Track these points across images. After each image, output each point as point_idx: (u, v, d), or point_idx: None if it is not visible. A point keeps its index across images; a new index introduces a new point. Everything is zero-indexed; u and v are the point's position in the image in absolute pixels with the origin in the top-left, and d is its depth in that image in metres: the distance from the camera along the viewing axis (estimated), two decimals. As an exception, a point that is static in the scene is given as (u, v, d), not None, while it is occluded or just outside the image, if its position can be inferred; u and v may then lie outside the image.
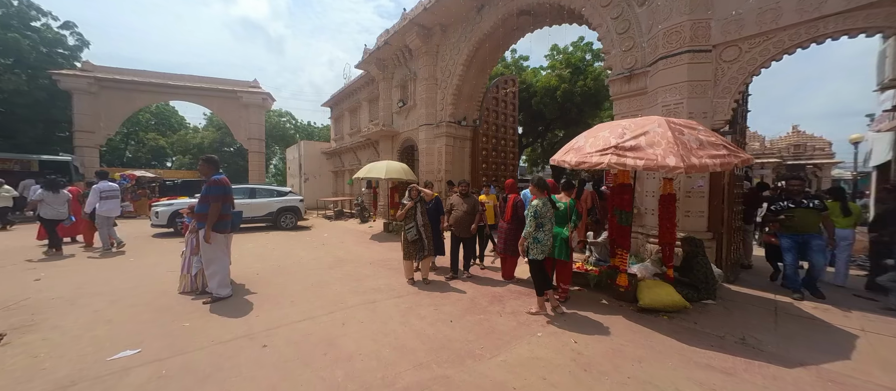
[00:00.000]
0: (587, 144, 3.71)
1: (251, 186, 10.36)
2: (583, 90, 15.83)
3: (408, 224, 4.47)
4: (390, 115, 12.89)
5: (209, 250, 3.65)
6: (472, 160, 11.02)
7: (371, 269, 5.44)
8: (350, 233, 9.92)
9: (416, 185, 4.73)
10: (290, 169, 22.51)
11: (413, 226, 4.44)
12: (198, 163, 3.94)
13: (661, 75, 5.15)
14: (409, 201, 4.55)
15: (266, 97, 18.74)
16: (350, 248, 7.35)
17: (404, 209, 4.50)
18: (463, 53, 9.46)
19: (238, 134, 18.85)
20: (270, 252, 6.84)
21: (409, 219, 4.49)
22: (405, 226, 4.47)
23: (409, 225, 4.45)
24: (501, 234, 4.80)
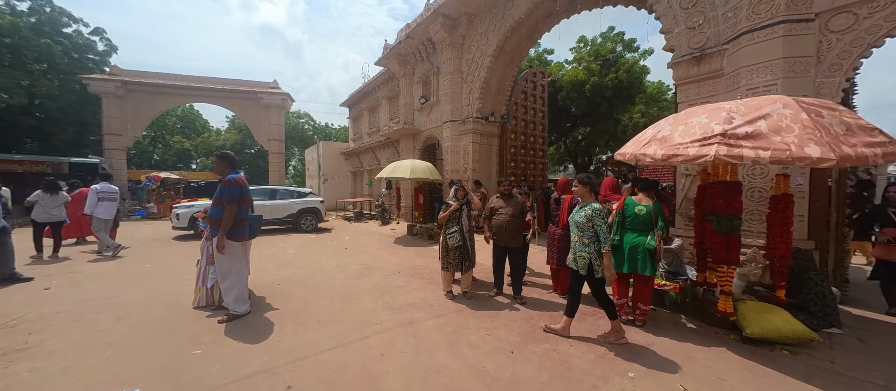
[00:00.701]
0: (676, 134, 2.98)
1: (271, 187, 10.06)
2: (614, 83, 14.81)
3: (450, 228, 3.86)
4: (411, 112, 12.37)
5: (224, 261, 3.15)
6: (500, 158, 10.33)
7: (401, 279, 4.86)
8: (372, 235, 9.43)
9: (465, 185, 4.12)
10: (308, 170, 22.45)
11: (457, 231, 3.82)
12: (212, 160, 3.47)
13: (745, 53, 4.32)
14: (455, 201, 3.93)
15: (285, 98, 18.66)
16: (374, 254, 6.82)
17: (448, 210, 3.89)
18: (492, 43, 8.79)
19: (258, 135, 18.86)
20: (291, 257, 6.39)
21: (453, 222, 3.88)
22: (447, 230, 3.86)
23: (452, 229, 3.84)
24: (552, 242, 4.11)
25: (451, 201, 3.98)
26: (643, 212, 3.23)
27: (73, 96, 15.52)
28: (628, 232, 3.24)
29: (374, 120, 16.57)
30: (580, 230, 2.89)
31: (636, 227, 3.22)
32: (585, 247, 2.85)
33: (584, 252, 2.85)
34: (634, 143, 3.40)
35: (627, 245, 3.18)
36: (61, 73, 15.24)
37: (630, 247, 3.17)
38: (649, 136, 3.25)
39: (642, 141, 3.29)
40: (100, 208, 6.37)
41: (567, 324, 3.05)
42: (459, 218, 3.92)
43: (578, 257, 2.89)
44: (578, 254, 2.89)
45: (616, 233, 3.26)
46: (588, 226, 2.83)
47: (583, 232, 2.87)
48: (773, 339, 2.84)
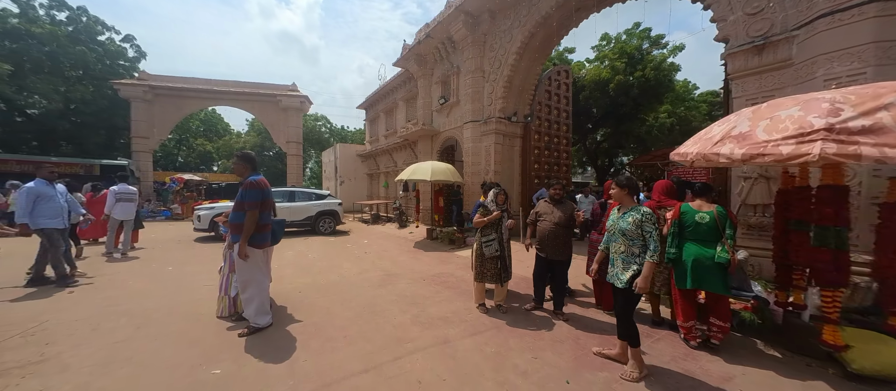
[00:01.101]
0: (758, 130, 2.53)
1: (290, 189, 10.01)
2: (641, 82, 14.12)
3: (488, 235, 3.50)
4: (430, 113, 12.12)
5: (245, 269, 2.91)
6: (523, 160, 9.91)
7: (428, 288, 4.54)
8: (390, 239, 9.18)
9: (504, 191, 3.76)
10: (325, 172, 22.60)
11: (495, 240, 3.46)
12: (231, 161, 3.26)
13: (824, 38, 3.80)
14: (495, 208, 3.57)
15: (303, 100, 18.85)
16: (396, 259, 6.54)
17: (489, 217, 3.53)
18: (516, 41, 8.41)
19: (277, 137, 19.10)
20: (312, 262, 6.18)
21: (491, 229, 3.53)
22: (484, 238, 3.51)
23: (490, 237, 3.48)
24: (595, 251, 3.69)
25: (490, 205, 3.61)
26: (706, 220, 2.80)
27: (104, 101, 16.14)
28: (689, 243, 2.82)
29: (391, 122, 16.44)
30: (628, 238, 2.45)
31: (698, 237, 2.80)
32: (635, 258, 2.43)
33: (634, 264, 2.42)
34: (700, 142, 2.96)
35: (689, 258, 2.76)
36: (95, 79, 15.88)
37: (694, 260, 2.74)
38: (721, 133, 2.80)
39: (711, 139, 2.84)
40: (117, 209, 6.37)
41: (623, 350, 2.64)
42: (499, 225, 3.56)
43: (625, 271, 2.43)
44: (624, 268, 2.45)
45: (672, 244, 2.83)
46: (637, 233, 2.40)
47: (632, 240, 2.43)
48: (887, 377, 2.35)
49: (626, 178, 2.61)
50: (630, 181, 2.60)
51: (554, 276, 3.58)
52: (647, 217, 2.40)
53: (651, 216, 2.41)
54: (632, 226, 2.43)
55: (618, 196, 2.60)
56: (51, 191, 4.52)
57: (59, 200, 4.57)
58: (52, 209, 4.44)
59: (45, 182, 4.51)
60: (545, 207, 3.61)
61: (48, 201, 4.42)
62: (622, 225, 2.50)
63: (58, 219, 4.48)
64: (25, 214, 4.20)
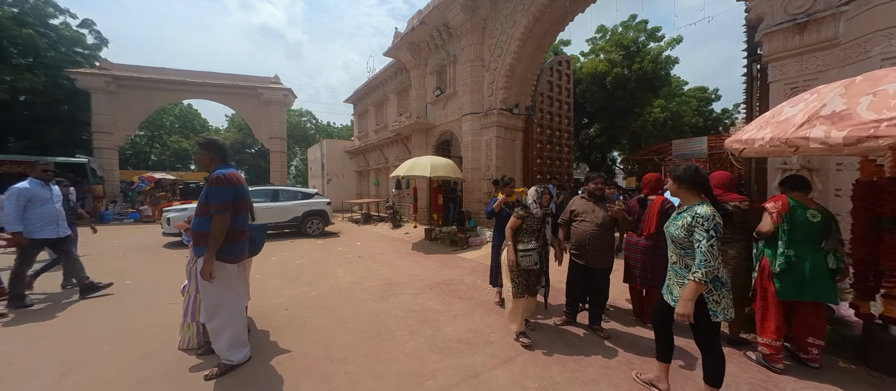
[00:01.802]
0: (861, 108, 2.07)
1: (274, 188, 9.17)
2: (638, 75, 13.89)
3: (525, 244, 2.77)
4: (424, 106, 11.45)
5: (212, 292, 2.23)
6: (525, 154, 9.41)
7: (437, 300, 3.94)
8: (385, 241, 8.52)
9: (549, 189, 3.01)
10: (311, 169, 21.56)
11: (534, 251, 2.76)
12: (194, 150, 2.55)
13: (879, 13, 3.40)
14: (538, 207, 2.84)
15: (287, 93, 17.78)
16: (394, 263, 5.91)
17: (520, 217, 2.82)
18: (520, 26, 7.86)
19: (259, 133, 17.97)
20: (300, 270, 5.46)
21: (530, 236, 2.81)
22: (519, 246, 2.78)
23: (529, 247, 2.75)
24: (634, 255, 3.19)
25: (533, 208, 2.83)
26: (817, 219, 2.35)
27: (60, 91, 14.61)
28: (801, 246, 2.36)
29: (382, 116, 15.66)
30: (678, 246, 1.95)
31: (808, 240, 2.35)
32: (688, 274, 1.87)
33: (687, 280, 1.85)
34: (771, 126, 2.47)
35: (808, 265, 2.30)
36: (48, 68, 14.32)
37: (812, 267, 2.29)
38: (804, 114, 2.31)
39: (788, 121, 2.36)
40: (30, 222, 3.66)
41: (663, 373, 2.15)
42: (541, 230, 2.90)
43: (679, 287, 1.93)
44: (679, 283, 1.93)
45: (787, 248, 2.35)
46: (686, 240, 1.88)
47: (684, 249, 1.92)
48: None
49: (684, 170, 2.01)
50: (692, 174, 1.99)
51: (594, 287, 3.04)
52: (699, 220, 1.80)
53: (705, 219, 1.79)
54: (681, 232, 1.89)
55: (676, 192, 2.05)
56: (46, 193, 3.81)
57: (53, 204, 3.85)
58: (45, 215, 3.74)
59: (40, 183, 3.79)
60: (583, 205, 3.06)
61: (42, 205, 3.72)
62: (672, 229, 1.97)
63: (52, 226, 3.80)
64: (17, 221, 3.53)
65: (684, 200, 2.03)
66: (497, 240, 3.79)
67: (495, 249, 3.81)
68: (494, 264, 3.79)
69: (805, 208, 2.39)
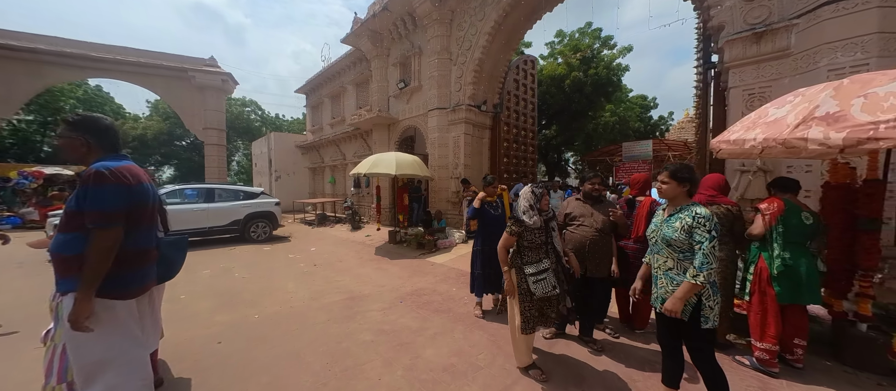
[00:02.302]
0: (854, 109, 2.06)
1: (208, 186, 7.81)
2: (594, 80, 14.62)
3: (534, 263, 2.17)
4: (386, 99, 10.74)
5: (90, 347, 1.47)
6: (492, 153, 9.24)
7: (412, 315, 3.46)
8: (344, 245, 7.74)
9: (547, 187, 2.42)
10: (256, 165, 19.40)
11: (548, 271, 2.15)
12: (57, 133, 1.75)
13: (826, 27, 3.67)
14: (534, 213, 2.21)
15: (226, 79, 15.64)
16: (357, 272, 5.26)
17: (513, 233, 2.22)
18: (489, 19, 7.60)
19: (191, 123, 15.58)
20: (240, 286, 4.57)
21: (535, 252, 2.21)
22: (530, 270, 2.16)
23: (541, 267, 2.14)
24: (623, 259, 3.05)
25: (527, 218, 2.19)
26: (810, 221, 2.33)
27: None
28: (795, 248, 2.32)
29: (338, 108, 14.51)
30: (676, 250, 1.76)
31: (801, 242, 2.33)
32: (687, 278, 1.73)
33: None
34: (762, 127, 2.44)
35: (804, 268, 2.27)
36: None
37: (808, 270, 2.28)
38: (798, 115, 2.27)
39: (780, 122, 2.33)
40: None
41: None
42: (547, 241, 2.26)
43: (670, 294, 1.76)
44: (673, 289, 1.75)
45: (783, 250, 2.30)
46: (688, 243, 1.72)
47: (682, 253, 1.74)
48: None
49: (684, 168, 1.84)
50: (688, 172, 1.83)
51: (591, 295, 2.79)
52: (700, 220, 1.67)
53: (706, 219, 1.68)
54: (680, 234, 1.72)
55: (669, 191, 1.84)
56: None
57: None
58: None
59: None
60: (580, 208, 2.79)
61: None
62: (667, 232, 1.78)
63: None
64: None
65: (676, 201, 1.85)
66: (479, 244, 3.43)
67: (477, 255, 3.43)
68: (477, 272, 3.41)
69: (798, 210, 2.37)
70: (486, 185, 3.47)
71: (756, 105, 4.27)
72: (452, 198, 8.44)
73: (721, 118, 5.75)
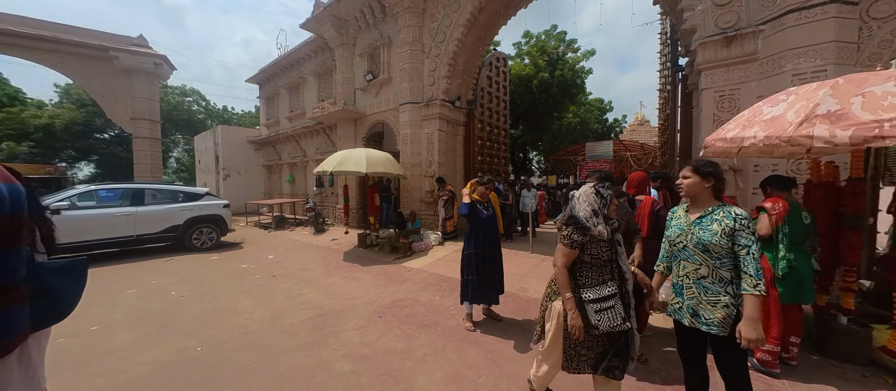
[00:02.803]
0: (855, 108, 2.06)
1: (136, 186, 6.56)
2: (559, 81, 15.06)
3: (598, 288, 1.69)
4: (352, 91, 10.00)
5: None
6: (466, 151, 8.97)
7: (394, 334, 3.02)
8: (307, 250, 6.98)
9: (611, 191, 1.83)
10: (200, 163, 17.27)
11: (614, 298, 1.66)
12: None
13: (791, 34, 3.88)
14: (601, 223, 1.70)
15: (159, 62, 13.58)
16: (324, 282, 4.66)
17: (575, 245, 1.71)
18: (464, 12, 7.30)
19: (113, 111, 13.29)
20: (178, 307, 3.76)
21: (603, 272, 1.72)
22: (592, 296, 1.67)
23: (606, 292, 1.67)
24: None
25: (592, 223, 1.68)
26: (808, 221, 2.30)
27: None
28: (795, 248, 2.28)
29: (297, 100, 13.33)
30: (713, 256, 1.56)
31: (800, 241, 2.30)
32: (728, 286, 1.53)
33: (725, 295, 1.53)
34: (762, 124, 2.40)
35: (806, 268, 2.24)
36: None
37: (805, 269, 2.29)
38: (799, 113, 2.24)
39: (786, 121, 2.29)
40: None
41: None
42: (613, 259, 1.72)
43: (712, 307, 1.54)
44: (711, 302, 1.55)
45: (788, 251, 2.24)
46: (728, 248, 1.53)
47: (719, 259, 1.54)
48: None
49: (710, 166, 1.67)
50: (715, 170, 1.66)
51: None
52: (743, 222, 1.51)
53: (749, 221, 1.53)
54: (720, 238, 1.53)
55: (693, 188, 1.66)
56: None
57: None
58: None
59: None
60: None
61: None
62: (704, 236, 1.58)
63: None
64: None
65: (701, 199, 1.67)
66: (472, 247, 3.08)
67: (470, 259, 3.09)
68: (471, 278, 3.06)
69: (799, 209, 2.36)
70: (479, 184, 3.12)
71: (726, 106, 4.46)
72: (426, 198, 8.04)
73: (687, 119, 6.05)
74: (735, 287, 1.51)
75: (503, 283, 3.22)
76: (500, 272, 3.19)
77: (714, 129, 4.55)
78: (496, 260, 3.16)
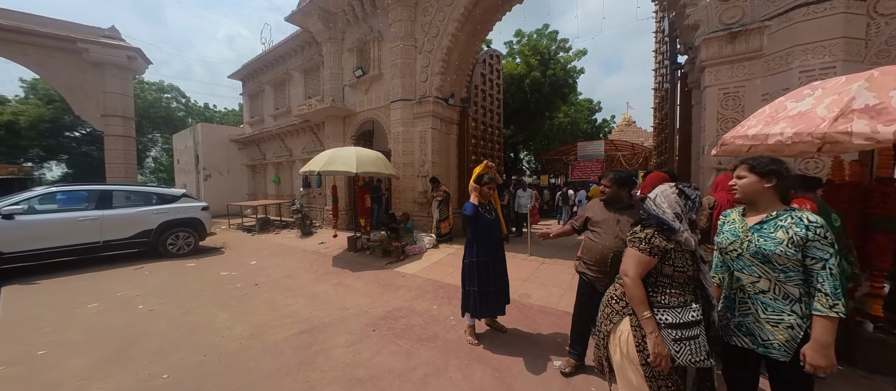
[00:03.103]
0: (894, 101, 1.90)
1: (102, 188, 6.01)
2: (551, 80, 14.98)
3: (680, 309, 1.38)
4: (340, 88, 9.60)
5: None
6: (459, 150, 8.72)
7: (391, 350, 2.73)
8: (294, 255, 6.59)
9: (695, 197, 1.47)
10: (179, 162, 16.46)
11: (699, 326, 1.36)
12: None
13: (798, 30, 3.77)
14: (686, 228, 1.40)
15: (134, 56, 12.78)
16: (312, 291, 4.32)
17: (656, 252, 1.40)
18: (459, 6, 7.03)
19: (83, 108, 12.44)
20: (145, 324, 3.36)
21: (682, 290, 1.41)
22: (670, 319, 1.36)
23: (688, 318, 1.35)
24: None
25: (675, 221, 1.40)
26: (838, 223, 2.13)
27: None
28: None
29: (283, 97, 12.80)
30: (775, 268, 1.34)
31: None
32: (794, 305, 1.32)
33: (790, 314, 1.32)
34: (789, 120, 2.19)
35: (842, 274, 2.06)
36: None
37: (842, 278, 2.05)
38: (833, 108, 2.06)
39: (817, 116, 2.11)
40: None
41: None
42: (695, 275, 1.43)
43: (773, 327, 1.34)
44: (772, 321, 1.34)
45: None
46: (796, 260, 1.30)
47: (784, 272, 1.32)
48: None
49: (765, 159, 1.46)
50: (777, 164, 1.44)
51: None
52: (817, 231, 1.28)
53: (825, 229, 1.29)
54: (787, 248, 1.30)
55: (750, 189, 1.44)
56: None
57: None
58: None
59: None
60: (600, 212, 2.30)
61: None
62: (766, 244, 1.35)
63: None
64: None
65: (760, 203, 1.45)
66: (474, 254, 2.80)
67: (472, 269, 2.81)
68: (473, 289, 2.79)
69: (828, 211, 2.19)
70: (481, 184, 2.83)
71: (731, 104, 4.34)
72: (419, 199, 7.74)
73: (687, 118, 5.96)
74: (803, 306, 1.30)
75: (509, 293, 2.97)
76: (505, 281, 2.94)
77: (718, 127, 4.45)
78: (500, 268, 2.90)
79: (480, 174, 2.91)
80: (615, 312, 1.53)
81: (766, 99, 4.05)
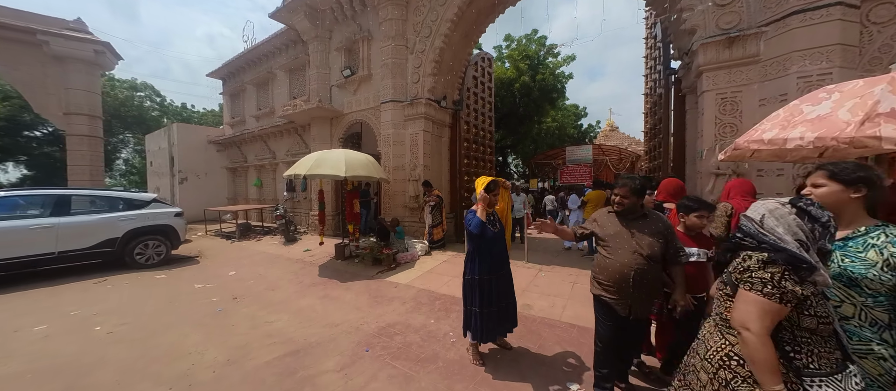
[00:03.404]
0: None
1: (60, 192, 5.42)
2: (541, 85, 15.06)
3: (836, 376, 1.00)
4: (328, 88, 9.23)
5: None
6: (452, 154, 8.51)
7: (387, 375, 2.45)
8: (277, 264, 6.17)
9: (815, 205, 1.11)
10: (153, 165, 15.50)
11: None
12: None
13: (795, 36, 3.78)
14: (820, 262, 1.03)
15: (101, 50, 11.93)
16: (297, 304, 3.96)
17: (789, 299, 1.00)
18: (452, 6, 6.85)
19: (42, 105, 11.48)
20: (101, 349, 2.93)
21: (830, 347, 1.03)
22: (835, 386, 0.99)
23: (855, 386, 1.00)
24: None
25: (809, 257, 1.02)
26: None
27: None
28: None
29: (266, 97, 12.26)
30: (864, 293, 1.15)
31: None
32: (881, 334, 1.14)
33: (881, 347, 1.12)
34: (814, 124, 2.12)
35: None
36: None
37: None
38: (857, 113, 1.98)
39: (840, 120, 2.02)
40: None
41: None
42: (823, 306, 1.04)
43: (860, 358, 1.14)
44: (859, 352, 1.14)
45: None
46: (891, 285, 1.11)
47: (871, 297, 1.14)
48: None
49: (854, 167, 1.25)
50: (863, 170, 1.24)
51: (624, 340, 2.10)
52: None
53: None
54: (878, 271, 1.11)
55: (831, 199, 1.24)
56: None
57: None
58: None
59: None
60: (610, 225, 2.07)
61: None
62: (852, 266, 1.16)
63: None
64: None
65: (845, 216, 1.24)
66: (476, 271, 2.56)
67: (473, 287, 2.57)
68: (475, 310, 2.55)
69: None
70: (488, 192, 2.59)
71: (729, 109, 4.32)
72: (411, 204, 7.46)
73: (681, 123, 5.97)
74: (895, 333, 1.13)
75: (516, 312, 2.74)
76: (511, 299, 2.71)
77: (716, 131, 4.43)
78: (504, 285, 2.66)
79: (491, 181, 2.65)
80: (740, 379, 1.08)
81: (764, 104, 4.05)
